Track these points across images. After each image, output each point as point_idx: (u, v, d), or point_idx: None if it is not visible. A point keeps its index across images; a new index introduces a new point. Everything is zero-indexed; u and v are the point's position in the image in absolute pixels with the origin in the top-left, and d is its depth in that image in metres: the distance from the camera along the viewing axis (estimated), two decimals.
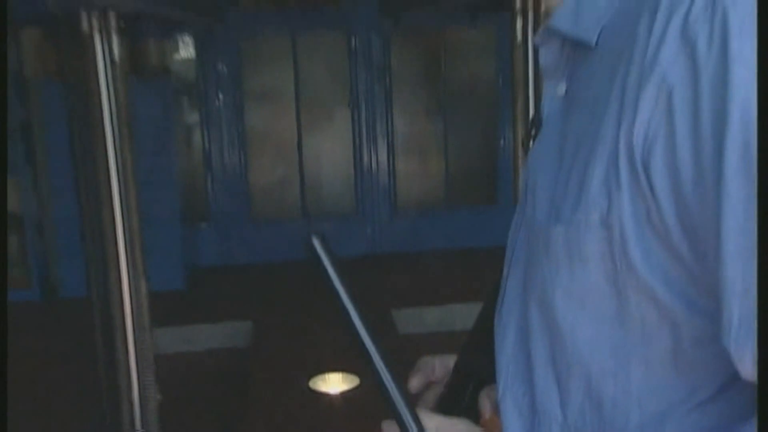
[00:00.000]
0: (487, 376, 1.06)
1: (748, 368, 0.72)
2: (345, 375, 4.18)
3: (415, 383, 1.31)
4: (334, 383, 4.20)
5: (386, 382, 1.00)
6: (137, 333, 3.05)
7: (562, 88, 0.96)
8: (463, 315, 4.88)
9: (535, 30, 3.21)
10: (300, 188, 6.95)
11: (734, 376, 0.78)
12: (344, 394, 4.10)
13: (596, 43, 0.89)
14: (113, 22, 2.92)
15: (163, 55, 6.41)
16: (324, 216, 6.95)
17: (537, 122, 1.01)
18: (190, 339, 5.14)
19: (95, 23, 2.82)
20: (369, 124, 6.87)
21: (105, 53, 2.99)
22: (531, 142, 1.07)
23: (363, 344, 1.01)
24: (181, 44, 6.61)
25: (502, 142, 6.75)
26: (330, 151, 7.00)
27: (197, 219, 6.67)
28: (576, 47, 0.94)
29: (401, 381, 1.04)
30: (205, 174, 6.78)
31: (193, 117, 6.78)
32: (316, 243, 0.91)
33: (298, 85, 6.84)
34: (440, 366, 1.35)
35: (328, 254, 0.93)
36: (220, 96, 6.67)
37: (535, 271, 0.93)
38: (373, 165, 6.93)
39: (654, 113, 0.75)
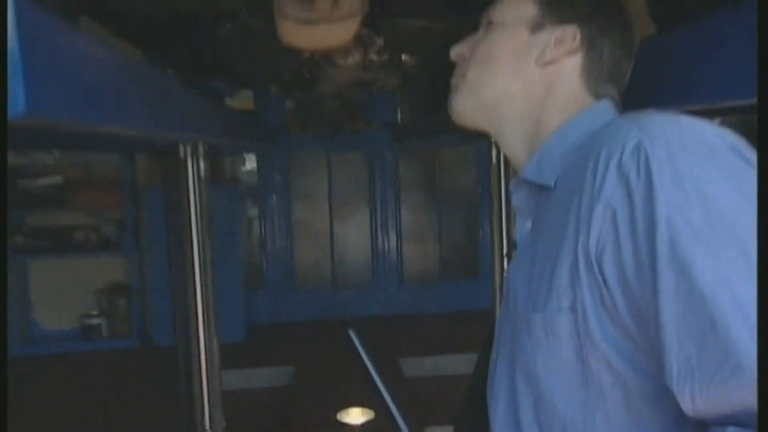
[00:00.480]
0: None
1: (687, 404, 0.72)
2: (364, 410, 4.16)
3: None
4: (355, 416, 4.18)
5: (394, 413, 1.10)
6: (209, 374, 3.08)
7: (529, 223, 1.00)
8: (454, 363, 4.95)
9: (505, 159, 3.31)
10: (331, 264, 6.96)
11: (677, 422, 0.79)
12: (364, 425, 4.10)
13: (554, 186, 0.94)
14: (201, 149, 3.03)
15: (234, 168, 6.56)
16: (348, 285, 6.92)
17: (513, 246, 1.04)
18: (247, 379, 5.13)
19: (188, 150, 2.92)
20: (382, 217, 6.91)
21: (194, 170, 3.09)
22: (507, 261, 1.15)
23: (377, 386, 1.12)
24: (246, 160, 6.74)
25: (481, 232, 6.78)
26: (353, 237, 7.01)
27: (254, 287, 6.66)
28: (539, 191, 0.98)
29: (405, 412, 1.14)
30: (261, 253, 6.80)
31: (254, 212, 6.84)
32: (352, 333, 1.05)
33: (331, 189, 6.94)
34: None
35: (359, 339, 1.06)
36: (274, 197, 6.75)
37: (520, 349, 0.93)
38: (385, 247, 6.93)
39: (603, 226, 0.79)
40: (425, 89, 5.10)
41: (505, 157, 3.35)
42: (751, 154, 0.77)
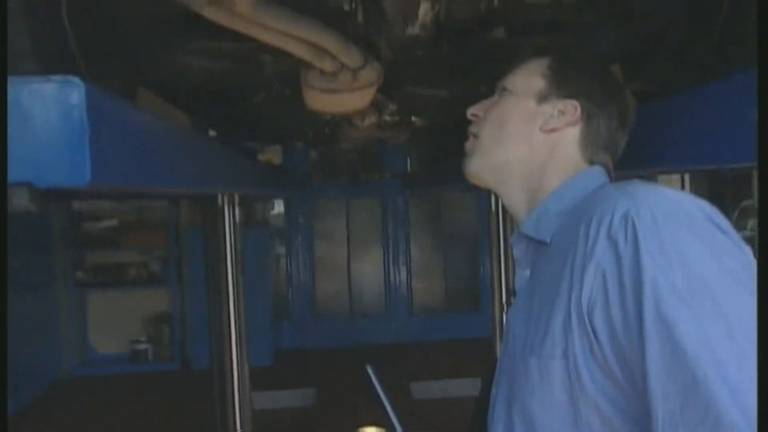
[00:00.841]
0: None
1: None
2: (378, 429, 4.10)
3: None
4: None
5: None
6: (241, 394, 3.06)
7: (527, 273, 0.99)
8: (460, 386, 4.90)
9: (503, 207, 3.32)
10: (348, 296, 6.93)
11: None
12: None
13: (550, 242, 0.94)
14: (236, 198, 3.07)
15: (265, 211, 6.60)
16: (364, 315, 6.86)
17: (512, 293, 1.03)
18: (273, 400, 5.07)
19: (225, 199, 2.95)
20: (394, 255, 6.89)
21: (229, 215, 3.11)
22: (507, 307, 1.14)
23: (386, 408, 1.13)
24: (276, 204, 6.79)
25: (482, 269, 6.73)
26: (368, 272, 6.98)
27: (281, 316, 6.63)
28: (537, 245, 0.98)
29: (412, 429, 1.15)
30: (287, 286, 6.80)
31: (281, 250, 6.85)
32: (369, 368, 1.05)
33: (349, 230, 6.95)
34: None
35: (375, 373, 1.05)
36: (299, 237, 6.78)
37: (517, 387, 0.91)
38: (397, 282, 6.89)
39: (594, 285, 0.78)
40: (432, 144, 5.14)
41: (503, 205, 3.37)
42: (724, 222, 0.79)
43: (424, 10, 1.50)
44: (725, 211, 6.50)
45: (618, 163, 1.07)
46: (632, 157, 1.12)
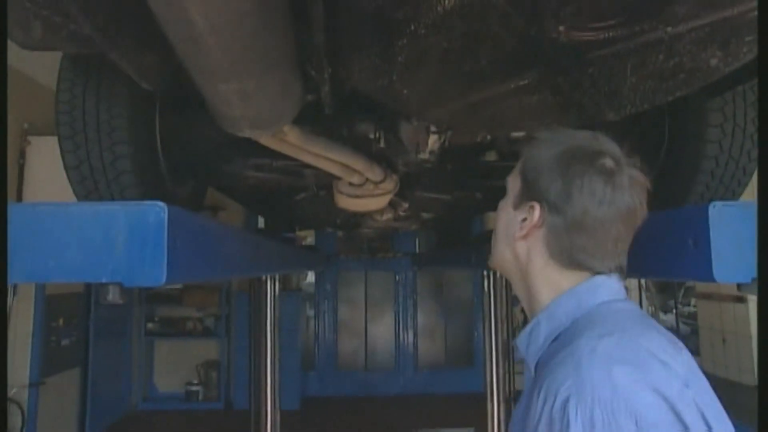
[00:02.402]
0: None
1: None
2: None
3: None
4: None
5: None
6: None
7: (532, 371, 0.81)
8: None
9: (494, 287, 3.29)
10: (364, 353, 6.79)
11: None
12: None
13: (535, 371, 0.78)
14: (277, 274, 3.08)
15: (299, 280, 6.59)
16: (377, 370, 6.69)
17: (515, 398, 0.89)
18: None
19: (269, 277, 2.96)
20: (404, 319, 6.79)
21: (271, 286, 3.12)
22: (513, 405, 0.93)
23: None
24: (308, 275, 6.79)
25: (476, 332, 6.60)
26: (382, 333, 6.85)
27: (308, 368, 6.50)
28: None
29: None
30: (314, 344, 6.69)
31: (311, 312, 6.80)
32: None
33: (367, 297, 6.88)
34: None
35: None
36: (326, 302, 6.73)
37: None
38: (405, 341, 6.76)
39: None
40: (437, 232, 5.18)
41: (494, 285, 3.34)
42: (693, 417, 0.63)
43: (432, 140, 1.56)
44: (672, 291, 6.32)
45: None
46: None
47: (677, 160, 1.44)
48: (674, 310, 6.68)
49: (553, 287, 0.81)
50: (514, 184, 0.87)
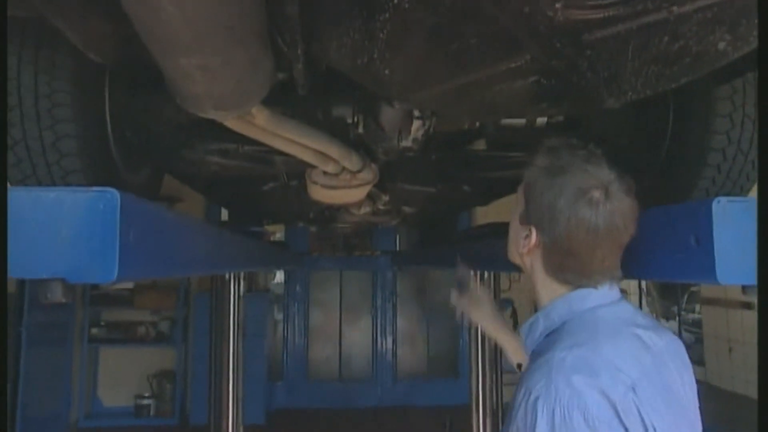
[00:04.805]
0: None
1: None
2: None
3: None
4: None
5: None
6: None
7: (527, 358, 1.05)
8: None
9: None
10: (338, 362, 6.81)
11: None
12: None
13: (530, 359, 1.01)
14: (241, 273, 3.07)
15: (266, 281, 6.56)
16: (352, 380, 6.71)
17: (504, 411, 1.09)
18: None
19: (232, 273, 2.96)
20: (382, 324, 6.81)
21: (235, 287, 3.11)
22: None
23: None
24: (276, 274, 6.76)
25: (461, 340, 6.63)
26: (358, 340, 6.87)
27: (276, 378, 6.48)
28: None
29: None
30: (282, 351, 6.67)
31: (279, 316, 6.78)
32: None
33: (342, 300, 6.90)
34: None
35: None
36: (296, 304, 6.72)
37: None
38: (383, 349, 6.78)
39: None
40: (420, 228, 5.20)
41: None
42: (632, 416, 0.86)
43: (416, 127, 1.57)
44: (674, 296, 6.43)
45: None
46: None
47: (681, 152, 1.47)
48: (677, 317, 6.81)
49: (550, 293, 1.03)
50: (520, 200, 1.05)
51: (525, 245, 1.02)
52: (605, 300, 0.99)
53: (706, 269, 0.98)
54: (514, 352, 1.52)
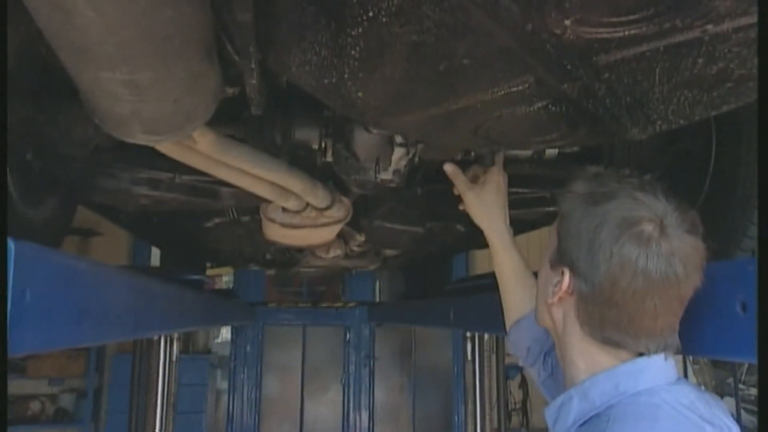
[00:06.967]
0: None
1: None
2: None
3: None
4: None
5: None
6: None
7: None
8: None
9: (480, 355, 3.34)
10: None
11: None
12: None
13: None
14: (175, 334, 3.06)
15: (207, 339, 6.49)
16: None
17: None
18: None
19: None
20: (355, 396, 6.74)
21: (166, 350, 3.09)
22: None
23: None
24: (222, 331, 6.69)
25: (456, 416, 6.60)
26: (324, 416, 6.79)
27: None
28: None
29: None
30: (226, 429, 6.52)
31: (223, 385, 6.71)
32: None
33: (304, 364, 6.83)
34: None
35: None
36: (245, 370, 6.62)
37: None
38: (357, 426, 6.69)
39: None
40: (404, 275, 5.21)
41: (480, 352, 3.39)
42: None
43: (398, 155, 1.59)
44: (730, 365, 6.42)
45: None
46: None
47: (726, 192, 1.51)
48: (734, 393, 6.70)
49: (589, 363, 0.98)
50: (552, 238, 1.04)
51: (555, 293, 1.00)
52: (664, 380, 0.95)
53: (754, 344, 0.98)
54: (515, 308, 1.41)
